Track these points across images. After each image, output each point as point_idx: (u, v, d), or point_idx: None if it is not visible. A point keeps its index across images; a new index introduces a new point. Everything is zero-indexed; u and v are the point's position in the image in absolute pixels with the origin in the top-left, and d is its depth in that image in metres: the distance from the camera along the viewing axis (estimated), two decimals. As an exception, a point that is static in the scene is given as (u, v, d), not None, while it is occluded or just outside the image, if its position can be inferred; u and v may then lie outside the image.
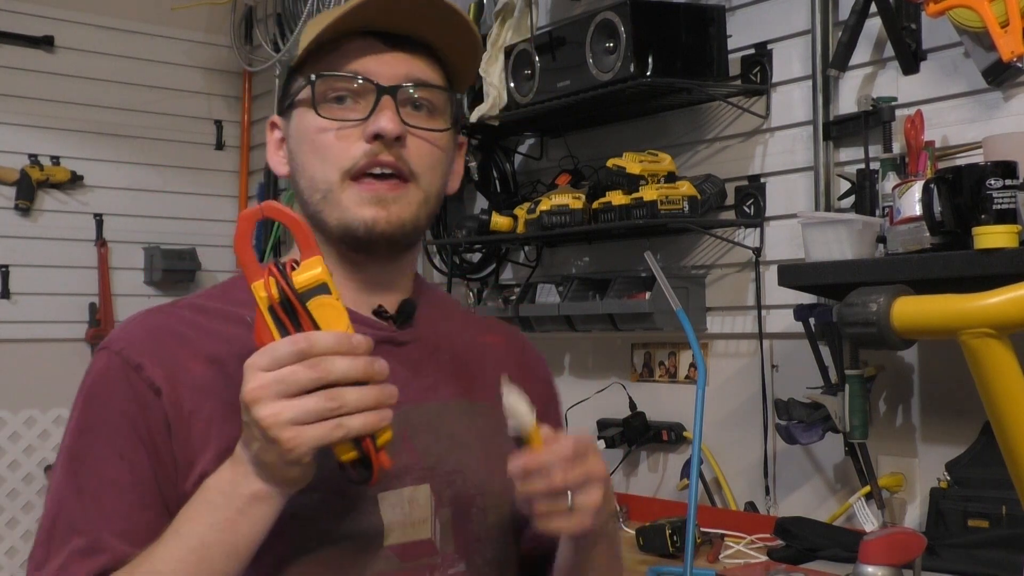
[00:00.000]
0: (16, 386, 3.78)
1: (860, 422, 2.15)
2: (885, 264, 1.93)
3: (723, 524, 2.32)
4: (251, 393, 0.89)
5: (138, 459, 1.02)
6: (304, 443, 0.89)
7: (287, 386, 0.88)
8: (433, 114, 1.11)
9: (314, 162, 1.09)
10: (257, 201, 4.20)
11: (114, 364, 1.05)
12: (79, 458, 1.03)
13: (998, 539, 1.89)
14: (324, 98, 1.09)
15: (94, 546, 1.00)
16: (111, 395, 1.04)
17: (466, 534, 1.10)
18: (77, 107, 3.93)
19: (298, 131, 1.12)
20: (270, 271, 0.91)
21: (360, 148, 1.07)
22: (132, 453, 1.02)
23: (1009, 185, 1.75)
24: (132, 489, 1.01)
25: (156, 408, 1.02)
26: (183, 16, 4.08)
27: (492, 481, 1.11)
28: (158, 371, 1.03)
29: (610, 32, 2.41)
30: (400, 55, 1.10)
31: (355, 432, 0.90)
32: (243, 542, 0.96)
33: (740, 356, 2.55)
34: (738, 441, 2.53)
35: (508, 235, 2.81)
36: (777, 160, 2.45)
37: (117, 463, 1.02)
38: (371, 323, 1.12)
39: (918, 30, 2.14)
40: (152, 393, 1.03)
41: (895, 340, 1.06)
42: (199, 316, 1.09)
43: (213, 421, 1.02)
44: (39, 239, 3.85)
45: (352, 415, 0.89)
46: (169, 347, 1.05)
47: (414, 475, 1.07)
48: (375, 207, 1.07)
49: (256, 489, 0.94)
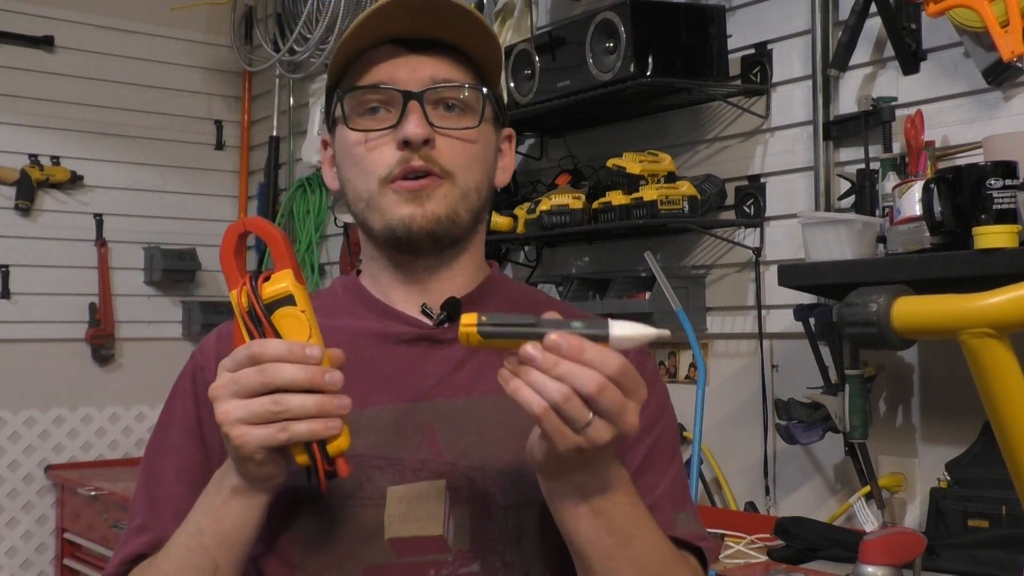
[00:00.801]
0: (16, 386, 3.79)
1: (860, 422, 2.15)
2: (885, 264, 1.93)
3: (723, 524, 2.32)
4: (213, 390, 0.96)
5: (191, 450, 1.13)
6: (249, 442, 0.93)
7: (239, 387, 0.94)
8: (465, 112, 1.13)
9: (355, 174, 1.13)
10: (257, 201, 4.20)
11: (188, 366, 1.18)
12: (151, 448, 1.17)
13: (998, 539, 1.89)
14: (356, 111, 1.13)
15: (145, 525, 1.12)
16: (182, 393, 1.17)
17: (484, 533, 1.08)
18: (77, 107, 3.93)
19: (339, 147, 1.16)
20: (243, 282, 0.98)
21: (393, 155, 1.10)
22: (187, 444, 1.14)
23: (1009, 185, 1.75)
24: (183, 475, 1.12)
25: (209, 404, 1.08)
26: (183, 16, 4.08)
27: (521, 480, 1.09)
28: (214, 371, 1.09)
29: (610, 32, 2.41)
30: (423, 58, 1.12)
31: (299, 437, 0.93)
32: (231, 530, 1.01)
33: (740, 356, 2.55)
34: (738, 441, 2.53)
35: (508, 235, 2.81)
36: (777, 160, 2.45)
37: (175, 454, 1.14)
38: (413, 321, 1.15)
39: (918, 30, 2.14)
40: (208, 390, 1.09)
41: (895, 340, 1.05)
42: None
43: None
44: (39, 239, 3.85)
45: (298, 420, 0.93)
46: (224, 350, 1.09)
47: (432, 470, 1.08)
48: (411, 204, 1.10)
49: (234, 483, 1.00)
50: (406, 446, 1.09)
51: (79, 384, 3.92)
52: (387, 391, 1.11)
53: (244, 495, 1.00)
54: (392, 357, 1.13)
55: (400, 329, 1.14)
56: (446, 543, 1.07)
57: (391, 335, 1.14)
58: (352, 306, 1.18)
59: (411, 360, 1.13)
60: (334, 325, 1.11)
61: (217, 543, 1.02)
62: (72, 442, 3.90)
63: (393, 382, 1.11)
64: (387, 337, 1.14)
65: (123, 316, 4.00)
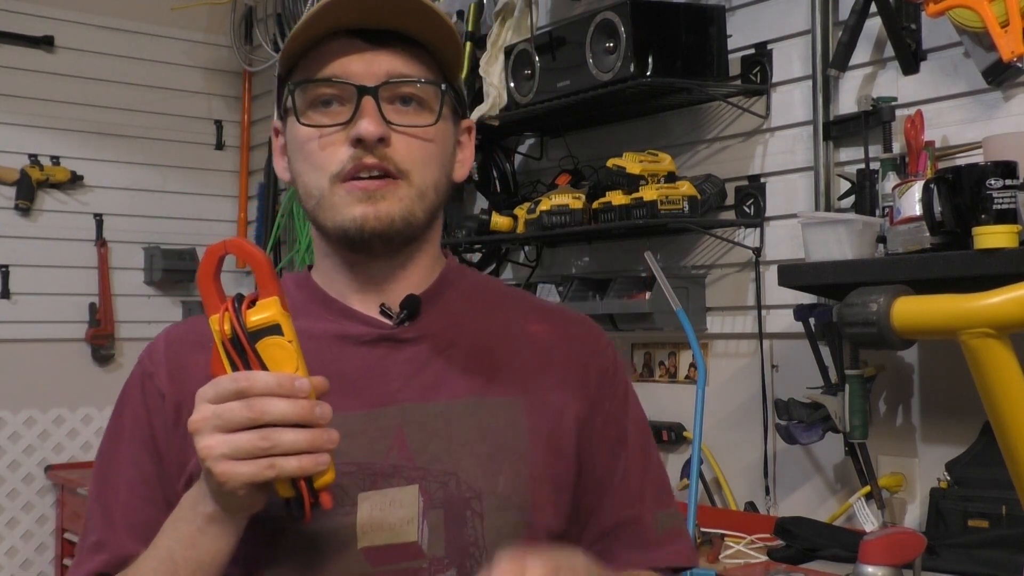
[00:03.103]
0: (16, 386, 3.79)
1: (860, 422, 2.15)
2: (885, 264, 1.93)
3: (723, 524, 2.32)
4: (193, 423, 0.92)
5: (143, 460, 1.09)
6: (235, 478, 0.90)
7: (224, 422, 0.90)
8: (422, 108, 1.09)
9: (306, 169, 1.09)
10: (257, 201, 4.20)
11: (136, 373, 1.13)
12: (102, 460, 1.12)
13: (998, 539, 1.89)
14: (308, 105, 1.08)
15: (101, 542, 1.08)
16: (131, 402, 1.12)
17: (460, 539, 1.05)
18: (77, 107, 3.93)
19: (291, 140, 1.12)
20: (226, 307, 0.93)
21: (346, 152, 1.06)
22: (140, 454, 1.09)
23: (1009, 185, 1.75)
24: (138, 487, 1.08)
25: (161, 412, 1.09)
26: (183, 16, 4.08)
27: (494, 483, 1.07)
28: (165, 378, 1.10)
29: (610, 32, 2.41)
30: (380, 52, 1.07)
31: (288, 473, 0.91)
32: (207, 557, 0.98)
33: (740, 356, 2.55)
34: (738, 441, 2.53)
35: (508, 235, 2.81)
36: (777, 160, 2.45)
37: (128, 464, 1.09)
38: (372, 322, 1.11)
39: (918, 30, 2.14)
40: (159, 398, 1.09)
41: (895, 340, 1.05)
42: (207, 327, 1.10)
43: None
44: (39, 239, 3.85)
45: (287, 456, 0.90)
46: (180, 355, 1.11)
47: (404, 476, 1.05)
48: (363, 204, 1.05)
49: (211, 511, 0.97)
50: (375, 451, 1.05)
51: (79, 384, 3.91)
52: (352, 395, 1.06)
53: (222, 523, 0.97)
54: (354, 359, 1.09)
55: (360, 330, 1.10)
56: (421, 549, 1.04)
57: (351, 336, 1.10)
58: (307, 305, 1.12)
59: (374, 362, 1.09)
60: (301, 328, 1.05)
61: (191, 572, 0.98)
62: (72, 442, 3.90)
63: (357, 385, 1.07)
64: (347, 339, 1.10)
65: (123, 316, 4.00)
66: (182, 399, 1.07)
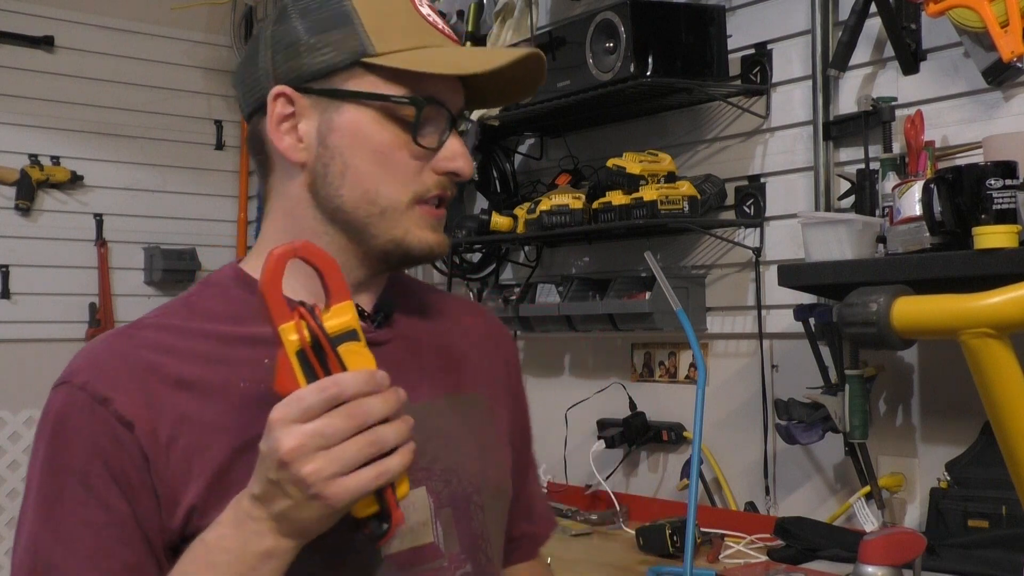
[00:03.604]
0: (16, 386, 3.78)
1: (860, 422, 2.15)
2: (885, 264, 1.93)
3: (723, 524, 2.32)
4: (291, 452, 0.85)
5: (112, 497, 0.96)
6: (348, 495, 0.86)
7: (326, 439, 0.85)
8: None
9: (379, 176, 1.03)
10: (257, 201, 4.19)
11: (78, 400, 0.98)
12: (52, 500, 0.97)
13: (998, 539, 1.89)
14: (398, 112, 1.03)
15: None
16: (77, 433, 0.97)
17: (470, 533, 1.07)
18: (77, 107, 3.93)
19: (357, 134, 1.03)
20: (300, 314, 0.88)
21: (433, 179, 1.05)
22: (105, 491, 0.96)
23: (1009, 185, 1.75)
24: (108, 529, 0.96)
25: (129, 442, 0.96)
26: (183, 16, 4.07)
27: (487, 475, 1.11)
28: (127, 402, 0.97)
29: (610, 32, 2.41)
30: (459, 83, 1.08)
31: (396, 471, 0.88)
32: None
33: (740, 356, 2.55)
34: (738, 441, 2.53)
35: (508, 235, 2.81)
36: (777, 160, 2.45)
37: (91, 503, 0.96)
38: None
39: (918, 30, 2.14)
40: (123, 427, 0.97)
41: (895, 340, 1.05)
42: (165, 336, 1.02)
43: (193, 451, 0.97)
44: (39, 239, 3.85)
45: (390, 456, 0.87)
46: (138, 375, 0.99)
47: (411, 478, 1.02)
48: (437, 233, 1.07)
49: (270, 546, 0.90)
50: None
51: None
52: None
53: (282, 557, 0.91)
54: None
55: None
56: (439, 549, 1.05)
57: None
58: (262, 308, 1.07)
59: None
60: (251, 332, 1.01)
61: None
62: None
63: None
64: None
65: (123, 316, 3.99)
66: (155, 425, 0.97)
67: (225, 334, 1.03)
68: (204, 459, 0.97)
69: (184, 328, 1.03)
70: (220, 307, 1.05)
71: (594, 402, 2.76)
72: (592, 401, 2.76)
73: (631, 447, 2.72)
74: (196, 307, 1.06)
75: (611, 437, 2.67)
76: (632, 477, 2.79)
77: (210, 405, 0.98)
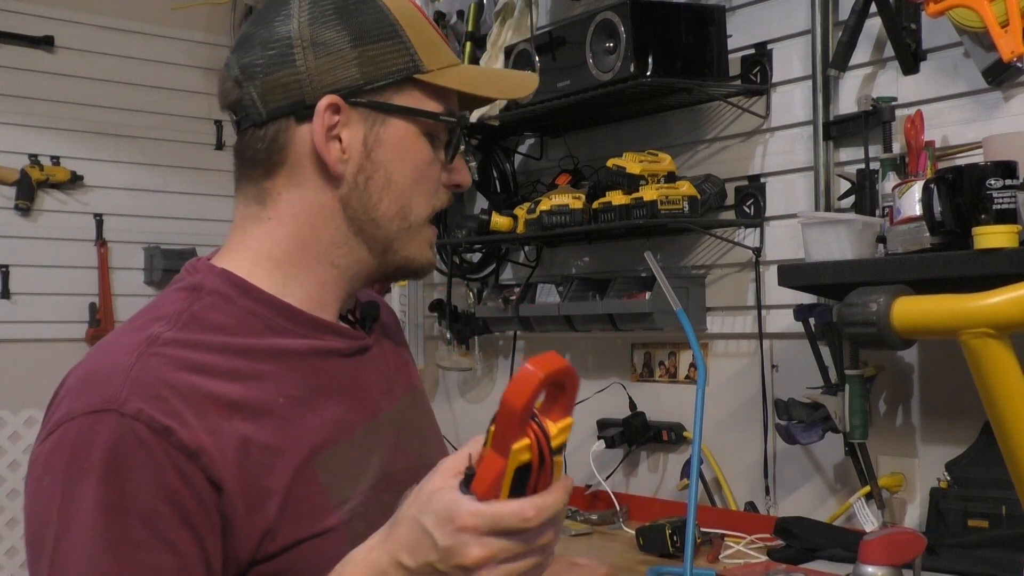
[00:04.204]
0: (16, 386, 3.78)
1: (860, 422, 2.15)
2: (885, 264, 1.93)
3: (723, 524, 2.32)
4: (477, 561, 0.84)
5: (181, 541, 0.91)
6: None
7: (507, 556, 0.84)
8: None
9: (415, 192, 1.05)
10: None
11: (136, 431, 0.90)
12: (114, 544, 0.89)
13: (998, 539, 1.89)
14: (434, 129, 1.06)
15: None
16: (140, 469, 0.90)
17: None
18: (77, 107, 3.92)
19: (400, 147, 1.04)
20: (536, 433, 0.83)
21: (446, 195, 1.08)
22: (175, 535, 0.90)
23: (1009, 185, 1.75)
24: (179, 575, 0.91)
25: (196, 476, 0.91)
26: (183, 16, 4.07)
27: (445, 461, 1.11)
28: (188, 431, 0.91)
29: (610, 32, 2.41)
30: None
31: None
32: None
33: (740, 356, 2.55)
34: (738, 441, 2.53)
35: (508, 235, 2.81)
36: (777, 160, 2.45)
37: (159, 548, 0.90)
38: (347, 332, 1.09)
39: (918, 30, 2.14)
40: (186, 458, 0.91)
41: (895, 340, 1.05)
42: (193, 354, 0.97)
43: (259, 474, 0.95)
44: (39, 239, 3.84)
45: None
46: (192, 399, 0.93)
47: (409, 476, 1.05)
48: (432, 250, 1.10)
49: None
50: (391, 461, 1.07)
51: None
52: (358, 410, 1.05)
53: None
54: (343, 374, 1.06)
55: (340, 343, 1.07)
56: None
57: (335, 350, 1.06)
58: (270, 319, 1.03)
59: (356, 373, 1.08)
60: (271, 345, 1.01)
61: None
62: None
63: (354, 399, 1.06)
64: (332, 353, 1.06)
65: (123, 316, 3.99)
66: (222, 451, 0.93)
67: (247, 348, 1.00)
68: (271, 481, 0.95)
69: (205, 343, 0.98)
70: (228, 320, 1.01)
71: (594, 402, 2.76)
72: (592, 401, 2.76)
73: (631, 447, 2.72)
74: (204, 320, 1.00)
75: (611, 437, 2.67)
76: (632, 477, 2.79)
77: (262, 426, 0.96)
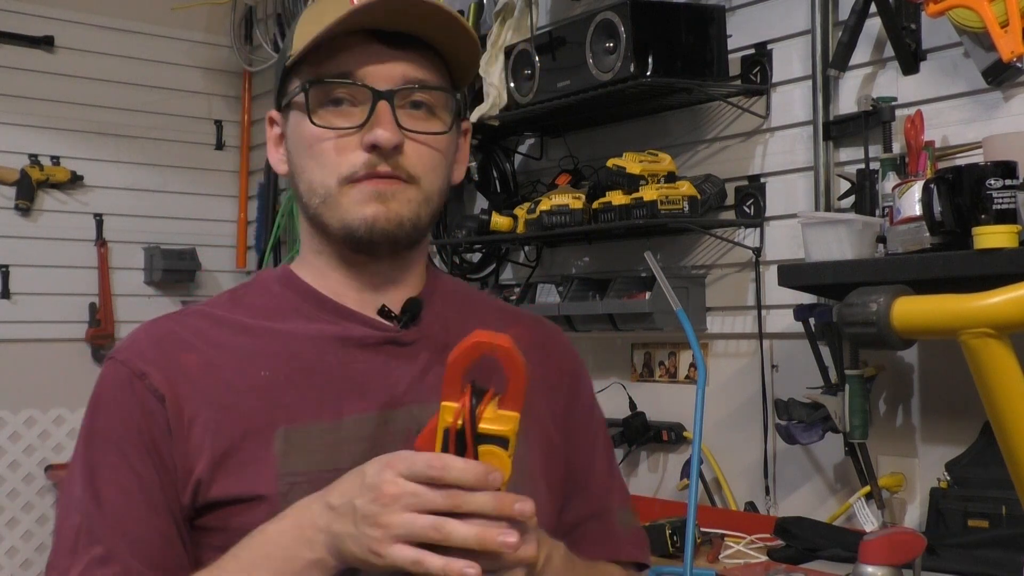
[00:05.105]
0: (16, 386, 3.78)
1: (860, 422, 2.15)
2: (885, 264, 1.93)
3: (723, 524, 2.32)
4: (388, 497, 0.89)
5: (144, 467, 1.03)
6: (392, 559, 0.89)
7: (418, 501, 0.88)
8: (433, 114, 1.09)
9: (312, 168, 1.08)
10: (257, 201, 4.19)
11: (120, 373, 1.06)
12: (94, 467, 1.04)
13: (998, 539, 1.89)
14: (320, 103, 1.07)
15: (108, 555, 1.01)
16: (117, 404, 1.05)
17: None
18: (77, 107, 3.93)
19: (295, 135, 1.10)
20: (464, 404, 0.89)
21: (359, 157, 1.05)
22: (139, 461, 1.03)
23: (1009, 185, 1.75)
24: (141, 497, 1.02)
25: (159, 415, 1.04)
26: (183, 16, 4.08)
27: None
28: (161, 378, 1.05)
29: (610, 32, 2.41)
30: (398, 55, 1.06)
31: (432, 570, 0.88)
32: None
33: (740, 356, 2.55)
34: (738, 441, 2.53)
35: (508, 235, 2.81)
36: (777, 160, 2.45)
37: (127, 472, 1.03)
38: (374, 324, 1.10)
39: (918, 30, 2.14)
40: (156, 400, 1.04)
41: (895, 340, 1.05)
42: (205, 323, 1.10)
43: (208, 429, 1.03)
44: (39, 239, 3.85)
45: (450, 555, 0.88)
46: (172, 354, 1.06)
47: None
48: (375, 203, 1.05)
49: (319, 558, 0.94)
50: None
51: (79, 384, 3.85)
52: (361, 399, 1.06)
53: (326, 571, 0.95)
54: (359, 362, 1.08)
55: (363, 332, 1.09)
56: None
57: (354, 339, 1.09)
58: (299, 305, 1.11)
59: (379, 365, 1.08)
60: (286, 328, 1.08)
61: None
62: (72, 442, 3.86)
63: (363, 389, 1.06)
64: (350, 341, 1.08)
65: (123, 316, 4.00)
66: (180, 402, 1.04)
67: (259, 328, 1.09)
68: (215, 437, 1.03)
69: (225, 318, 1.10)
70: (261, 302, 1.12)
71: (594, 402, 2.76)
72: (592, 401, 2.76)
73: (631, 447, 2.72)
74: (241, 300, 1.13)
75: (611, 437, 2.67)
76: (632, 477, 2.79)
77: (231, 389, 1.04)
